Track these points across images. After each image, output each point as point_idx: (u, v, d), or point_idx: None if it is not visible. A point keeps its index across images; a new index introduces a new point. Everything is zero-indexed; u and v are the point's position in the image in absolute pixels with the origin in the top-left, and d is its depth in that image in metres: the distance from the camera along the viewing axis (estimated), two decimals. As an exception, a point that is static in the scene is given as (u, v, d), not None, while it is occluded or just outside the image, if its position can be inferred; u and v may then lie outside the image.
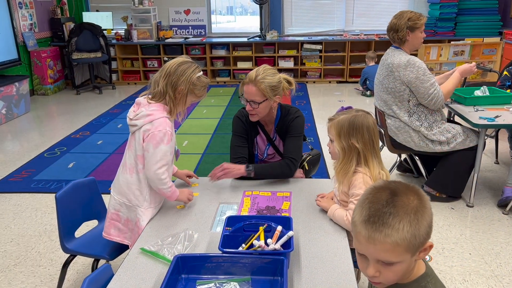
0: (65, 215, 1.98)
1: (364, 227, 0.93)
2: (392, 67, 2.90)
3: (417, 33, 2.92)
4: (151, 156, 1.78)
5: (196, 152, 4.27)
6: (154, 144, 1.77)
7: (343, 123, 1.66)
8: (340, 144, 1.67)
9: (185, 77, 1.83)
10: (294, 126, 2.19)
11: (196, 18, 7.81)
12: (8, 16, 6.02)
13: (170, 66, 1.85)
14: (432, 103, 2.89)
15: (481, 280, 2.35)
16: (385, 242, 0.90)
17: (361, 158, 1.66)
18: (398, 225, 0.90)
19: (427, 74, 2.86)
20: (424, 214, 0.93)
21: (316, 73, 7.56)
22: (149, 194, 1.86)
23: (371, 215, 0.92)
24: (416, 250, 0.94)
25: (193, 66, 1.88)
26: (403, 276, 1.00)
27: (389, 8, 7.58)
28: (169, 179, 1.85)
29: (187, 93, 1.86)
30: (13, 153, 4.47)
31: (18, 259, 2.63)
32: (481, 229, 2.84)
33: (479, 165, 3.02)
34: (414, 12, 2.94)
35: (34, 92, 6.87)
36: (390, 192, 0.95)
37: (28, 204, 3.33)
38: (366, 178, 1.65)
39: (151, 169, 1.79)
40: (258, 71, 2.09)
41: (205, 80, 1.92)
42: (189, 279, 1.40)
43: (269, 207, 1.88)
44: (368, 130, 1.64)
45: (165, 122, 1.80)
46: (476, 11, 6.96)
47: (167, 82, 1.82)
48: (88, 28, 6.97)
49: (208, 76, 7.55)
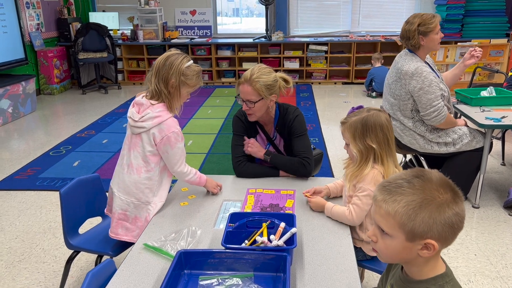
0: (69, 211, 1.98)
1: (377, 188, 1.01)
2: (401, 74, 2.84)
3: (432, 36, 2.80)
4: (172, 157, 1.86)
5: (200, 152, 4.27)
6: (171, 146, 1.84)
7: (356, 125, 1.64)
8: (356, 147, 1.65)
9: (173, 69, 1.83)
10: (296, 125, 2.19)
11: (202, 19, 7.83)
12: (16, 16, 6.06)
13: (159, 62, 1.86)
14: (433, 115, 2.78)
15: (487, 281, 2.33)
16: (382, 207, 0.97)
17: (377, 158, 1.64)
18: (399, 198, 0.94)
19: (433, 86, 2.75)
20: (432, 209, 0.92)
21: (322, 74, 7.55)
22: (159, 189, 1.89)
23: (388, 182, 0.99)
24: (411, 236, 0.95)
25: (180, 56, 1.86)
26: (398, 259, 1.01)
27: (396, 9, 7.56)
28: (191, 169, 1.94)
29: (180, 85, 1.85)
30: (19, 151, 4.50)
31: (23, 256, 2.64)
32: (486, 230, 2.82)
33: (485, 166, 3.00)
34: (426, 14, 2.81)
35: (40, 92, 6.91)
36: (419, 172, 0.97)
37: (33, 201, 3.34)
38: (378, 176, 1.63)
39: (174, 168, 1.89)
40: (253, 71, 2.08)
41: (195, 68, 1.90)
42: (191, 274, 1.39)
43: (272, 205, 1.87)
44: (381, 129, 1.62)
45: (174, 122, 1.87)
46: (483, 13, 6.92)
47: (158, 78, 1.84)
48: (94, 28, 7.01)
49: (213, 77, 7.61)
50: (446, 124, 2.89)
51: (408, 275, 1.04)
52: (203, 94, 6.81)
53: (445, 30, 7.03)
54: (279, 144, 2.29)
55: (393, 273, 1.15)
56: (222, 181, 2.11)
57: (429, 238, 0.94)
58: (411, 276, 1.03)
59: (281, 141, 2.29)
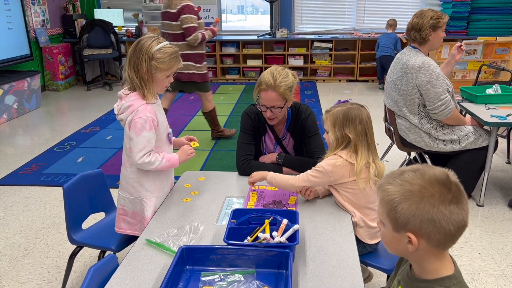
0: (73, 206, 1.99)
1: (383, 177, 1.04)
2: (407, 68, 2.82)
3: (439, 32, 2.83)
4: (134, 145, 1.75)
5: (204, 149, 4.27)
6: (136, 132, 1.74)
7: (338, 114, 1.74)
8: (334, 134, 1.75)
9: (143, 55, 1.71)
10: (309, 125, 2.17)
11: (206, 16, 7.81)
12: (21, 12, 6.08)
13: (131, 49, 1.76)
14: (440, 109, 2.78)
15: (490, 280, 2.31)
16: (377, 194, 1.01)
17: (351, 147, 1.72)
18: (388, 187, 0.98)
19: (440, 80, 2.76)
20: (412, 202, 0.93)
21: (326, 71, 7.52)
22: (150, 184, 1.85)
23: (391, 172, 1.01)
24: (395, 225, 0.97)
25: (150, 39, 1.74)
26: (394, 249, 1.03)
27: (401, 7, 7.51)
28: (156, 155, 1.79)
29: (151, 70, 1.74)
30: (23, 147, 4.52)
31: (27, 251, 2.65)
32: (491, 228, 2.80)
33: (490, 164, 2.98)
34: (435, 10, 2.85)
35: (45, 88, 6.93)
36: (417, 167, 0.98)
37: (37, 197, 3.36)
38: (338, 160, 1.72)
39: (135, 158, 1.75)
40: (274, 76, 2.03)
41: (167, 50, 1.75)
42: (193, 270, 1.39)
43: (275, 202, 1.87)
44: (361, 122, 1.71)
45: (145, 109, 1.75)
46: (489, 10, 6.86)
47: (130, 67, 1.75)
48: (99, 25, 7.02)
49: (217, 74, 7.60)
50: (453, 120, 2.87)
51: (415, 273, 1.04)
52: (207, 91, 6.80)
53: (450, 27, 6.99)
54: (287, 144, 2.27)
55: (402, 269, 1.14)
56: (226, 178, 2.12)
57: (409, 231, 0.95)
58: (418, 274, 1.02)
59: (290, 142, 2.26)
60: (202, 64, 4.15)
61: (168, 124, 1.96)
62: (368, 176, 1.70)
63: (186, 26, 3.91)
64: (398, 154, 3.74)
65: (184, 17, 3.90)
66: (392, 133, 3.20)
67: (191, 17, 3.92)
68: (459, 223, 0.93)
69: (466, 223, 0.94)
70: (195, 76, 4.09)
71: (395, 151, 3.49)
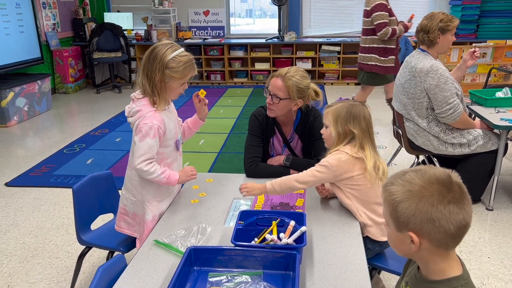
0: (82, 207, 2.01)
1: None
2: (415, 72, 2.81)
3: (448, 35, 2.80)
4: (136, 150, 1.74)
5: (212, 151, 4.29)
6: (139, 138, 1.73)
7: (341, 110, 1.74)
8: (336, 129, 1.73)
9: (157, 63, 1.69)
10: (317, 126, 2.17)
11: (215, 19, 7.86)
12: (32, 16, 6.16)
13: (145, 55, 1.75)
14: (449, 113, 2.76)
15: (500, 284, 2.29)
16: (382, 194, 1.01)
17: (356, 143, 1.71)
18: (390, 187, 0.98)
19: (449, 84, 2.74)
20: (411, 202, 0.94)
21: (334, 74, 7.52)
22: (154, 189, 1.85)
23: (396, 173, 1.02)
24: (397, 225, 0.98)
25: (164, 47, 1.70)
26: (399, 250, 1.03)
27: (410, 10, 7.43)
28: (157, 167, 1.77)
29: (164, 79, 1.72)
30: (34, 148, 4.57)
31: (36, 251, 2.68)
32: (500, 232, 2.78)
33: (500, 168, 2.96)
34: (446, 13, 2.82)
35: (55, 91, 7.00)
36: (419, 167, 0.99)
37: (47, 198, 3.39)
38: (343, 155, 1.69)
39: (135, 163, 1.74)
40: (290, 69, 2.08)
41: (182, 59, 1.72)
42: (201, 271, 1.40)
43: (283, 204, 1.87)
44: (364, 119, 1.72)
45: (153, 116, 1.73)
46: (499, 13, 6.81)
47: (143, 73, 1.74)
48: (109, 28, 7.09)
49: (225, 77, 7.63)
50: (462, 124, 2.85)
51: (423, 274, 1.03)
52: (215, 94, 6.83)
53: (460, 30, 6.94)
54: (295, 146, 2.28)
55: (410, 270, 1.14)
56: (233, 180, 2.12)
57: (410, 231, 0.96)
58: (426, 275, 1.02)
59: (298, 144, 2.27)
60: (387, 57, 4.55)
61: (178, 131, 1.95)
62: (377, 176, 1.69)
63: (377, 22, 4.44)
64: (406, 157, 3.72)
65: (375, 15, 4.44)
66: (400, 136, 3.19)
67: (382, 14, 4.41)
68: (459, 223, 0.93)
69: (468, 223, 0.94)
70: (376, 67, 4.59)
71: (403, 154, 3.48)
